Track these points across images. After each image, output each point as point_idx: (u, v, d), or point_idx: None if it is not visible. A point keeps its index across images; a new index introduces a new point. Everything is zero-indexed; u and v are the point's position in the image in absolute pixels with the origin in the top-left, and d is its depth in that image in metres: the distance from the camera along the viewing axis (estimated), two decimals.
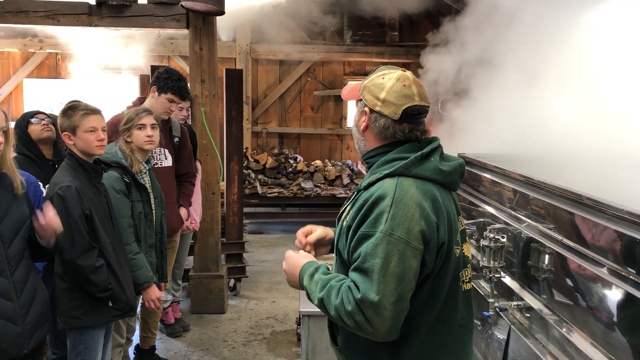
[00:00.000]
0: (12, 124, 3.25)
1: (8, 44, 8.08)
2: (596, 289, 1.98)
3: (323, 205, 8.07)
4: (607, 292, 1.92)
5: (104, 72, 8.44)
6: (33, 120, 3.16)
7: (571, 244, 2.13)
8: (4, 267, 2.19)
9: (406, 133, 1.71)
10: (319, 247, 1.99)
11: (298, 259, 1.80)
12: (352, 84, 1.90)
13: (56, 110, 2.95)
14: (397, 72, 1.73)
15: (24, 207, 2.34)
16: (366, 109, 1.73)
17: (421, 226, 1.56)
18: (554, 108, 3.45)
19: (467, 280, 1.78)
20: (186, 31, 4.63)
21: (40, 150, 3.18)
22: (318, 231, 2.00)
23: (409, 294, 1.56)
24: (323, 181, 8.24)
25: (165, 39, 8.27)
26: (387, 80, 1.70)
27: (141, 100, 4.01)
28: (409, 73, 1.74)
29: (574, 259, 2.10)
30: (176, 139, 3.98)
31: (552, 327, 2.22)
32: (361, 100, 1.76)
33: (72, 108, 2.69)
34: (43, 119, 3.21)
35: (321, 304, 1.63)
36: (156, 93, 3.77)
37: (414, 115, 1.69)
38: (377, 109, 1.70)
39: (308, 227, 2.03)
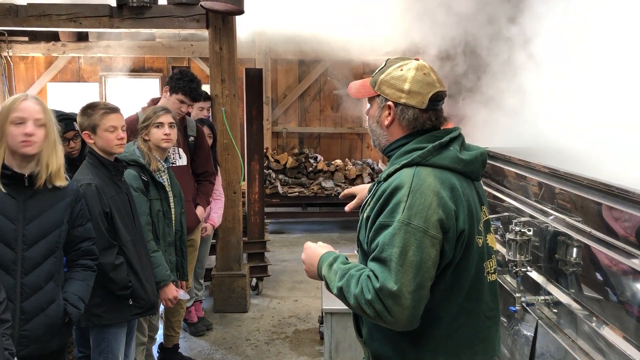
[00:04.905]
0: None
1: (32, 48, 8.22)
2: (627, 281, 1.92)
3: (344, 204, 7.85)
4: (638, 284, 1.86)
5: (125, 74, 8.54)
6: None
7: (600, 235, 2.07)
8: (16, 267, 2.15)
9: (433, 121, 1.71)
10: None
11: (316, 249, 1.80)
12: (358, 81, 1.87)
13: None
14: (413, 62, 1.73)
15: (62, 216, 2.30)
16: (389, 103, 1.71)
17: (439, 215, 1.55)
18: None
19: (493, 271, 1.75)
20: (206, 32, 4.65)
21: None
22: (353, 203, 2.25)
23: (428, 283, 1.54)
24: (344, 180, 8.21)
25: (185, 41, 8.34)
26: (407, 71, 1.69)
27: (154, 101, 4.04)
28: (423, 61, 1.74)
29: (603, 251, 2.04)
30: (191, 138, 3.99)
31: (582, 321, 2.17)
32: (379, 96, 1.75)
33: (92, 107, 2.70)
34: (71, 139, 3.19)
35: (340, 293, 1.62)
36: (168, 93, 3.79)
37: (437, 102, 1.71)
38: (402, 101, 1.69)
39: None
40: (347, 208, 2.25)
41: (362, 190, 2.30)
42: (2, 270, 2.12)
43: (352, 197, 2.33)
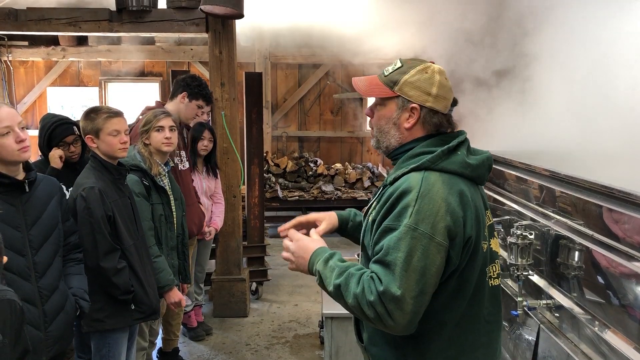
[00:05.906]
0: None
1: (32, 53, 8.23)
2: (629, 284, 1.91)
3: (344, 208, 8.01)
4: None
5: (125, 79, 8.55)
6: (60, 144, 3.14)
7: (602, 238, 2.06)
8: (30, 272, 2.19)
9: (452, 125, 1.71)
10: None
11: (310, 242, 1.76)
12: (363, 78, 1.79)
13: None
14: (432, 65, 1.71)
15: (57, 214, 2.35)
16: (414, 105, 1.67)
17: (446, 222, 1.53)
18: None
19: (495, 275, 1.73)
20: (206, 36, 4.65)
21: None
22: (323, 226, 1.95)
23: (430, 290, 1.53)
24: (344, 184, 8.21)
25: (185, 45, 8.35)
26: (432, 75, 1.67)
27: (159, 105, 4.04)
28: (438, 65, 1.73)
29: (605, 255, 2.03)
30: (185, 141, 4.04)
31: (584, 325, 2.16)
32: (398, 97, 1.68)
33: (95, 111, 2.70)
34: (71, 143, 3.19)
35: (337, 290, 1.60)
36: (186, 99, 3.82)
37: (452, 108, 1.72)
38: (428, 104, 1.66)
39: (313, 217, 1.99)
40: (315, 231, 1.86)
41: (329, 215, 2.04)
42: (20, 278, 2.16)
43: (309, 224, 1.98)
